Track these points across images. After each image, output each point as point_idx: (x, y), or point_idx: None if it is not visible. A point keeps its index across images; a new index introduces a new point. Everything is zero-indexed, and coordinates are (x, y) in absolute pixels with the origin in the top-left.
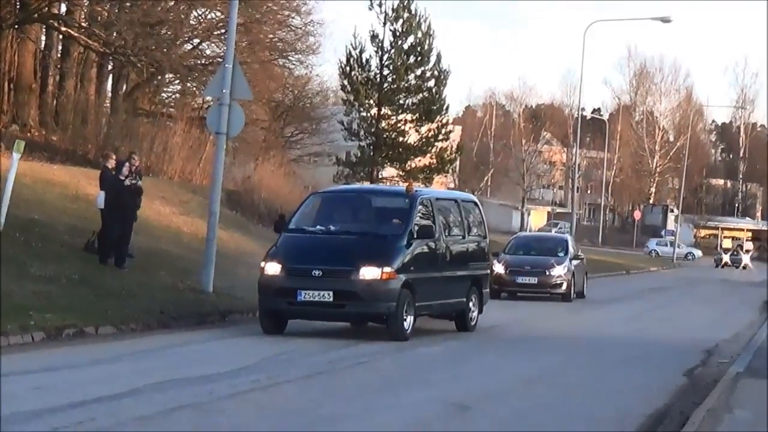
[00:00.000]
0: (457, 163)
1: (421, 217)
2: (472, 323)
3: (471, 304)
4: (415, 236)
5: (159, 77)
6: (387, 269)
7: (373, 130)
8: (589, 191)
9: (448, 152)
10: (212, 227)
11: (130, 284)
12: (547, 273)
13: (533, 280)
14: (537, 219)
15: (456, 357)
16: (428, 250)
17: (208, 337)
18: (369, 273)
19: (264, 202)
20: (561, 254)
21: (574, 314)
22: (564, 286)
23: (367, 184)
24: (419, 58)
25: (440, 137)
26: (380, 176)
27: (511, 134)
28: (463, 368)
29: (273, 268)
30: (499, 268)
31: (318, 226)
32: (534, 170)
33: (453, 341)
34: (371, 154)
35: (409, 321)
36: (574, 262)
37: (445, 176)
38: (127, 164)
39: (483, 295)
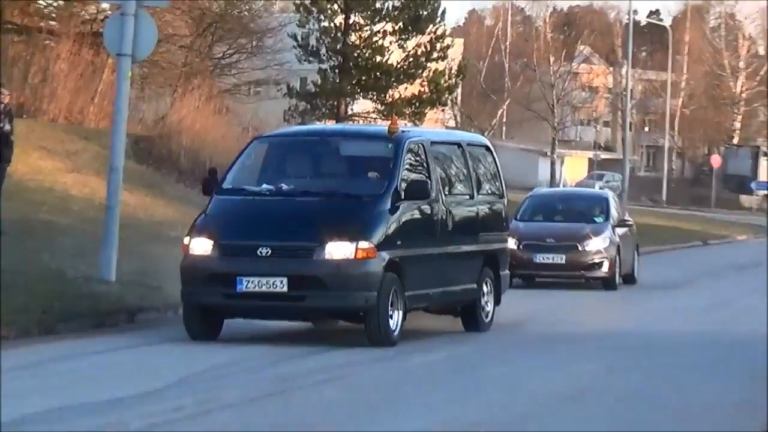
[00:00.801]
0: (459, 91)
1: (410, 170)
2: (486, 320)
3: (484, 292)
4: (403, 197)
5: None
6: (363, 244)
7: (338, 46)
8: (647, 128)
9: (446, 76)
10: (114, 189)
11: None
12: (580, 248)
13: (559, 259)
14: (574, 169)
15: (465, 367)
16: (422, 217)
17: (111, 345)
18: (338, 250)
19: (187, 152)
20: (599, 219)
21: (623, 305)
22: (605, 267)
23: (332, 124)
24: None
25: (434, 56)
26: (350, 112)
27: (534, 50)
28: (475, 383)
29: (202, 246)
30: (509, 241)
31: (264, 185)
32: (568, 100)
33: (460, 346)
34: (337, 80)
35: (396, 318)
36: (619, 230)
37: (443, 111)
38: None
39: (501, 280)
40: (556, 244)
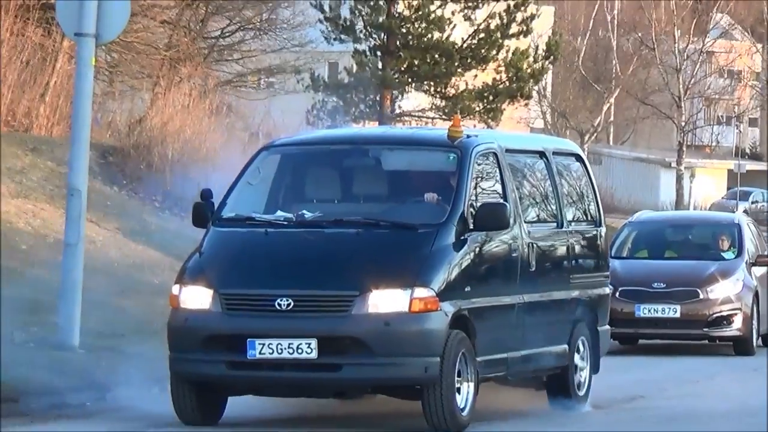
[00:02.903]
0: (549, 80)
1: (480, 189)
2: (581, 392)
3: (578, 355)
4: (472, 226)
5: None
6: (421, 292)
7: (381, 19)
8: None
9: (530, 59)
10: (75, 220)
11: None
12: (702, 296)
13: (672, 312)
14: (709, 184)
15: None
16: (498, 254)
17: None
18: (386, 301)
19: (174, 168)
20: (729, 255)
21: (762, 377)
22: (737, 322)
23: (372, 127)
24: None
25: (513, 30)
26: (398, 110)
27: (653, 20)
28: None
29: (197, 298)
30: None
31: (279, 213)
32: (700, 90)
33: (552, 430)
34: (379, 67)
35: (465, 392)
36: (758, 270)
37: (527, 106)
38: None
39: (599, 338)
40: (667, 291)
